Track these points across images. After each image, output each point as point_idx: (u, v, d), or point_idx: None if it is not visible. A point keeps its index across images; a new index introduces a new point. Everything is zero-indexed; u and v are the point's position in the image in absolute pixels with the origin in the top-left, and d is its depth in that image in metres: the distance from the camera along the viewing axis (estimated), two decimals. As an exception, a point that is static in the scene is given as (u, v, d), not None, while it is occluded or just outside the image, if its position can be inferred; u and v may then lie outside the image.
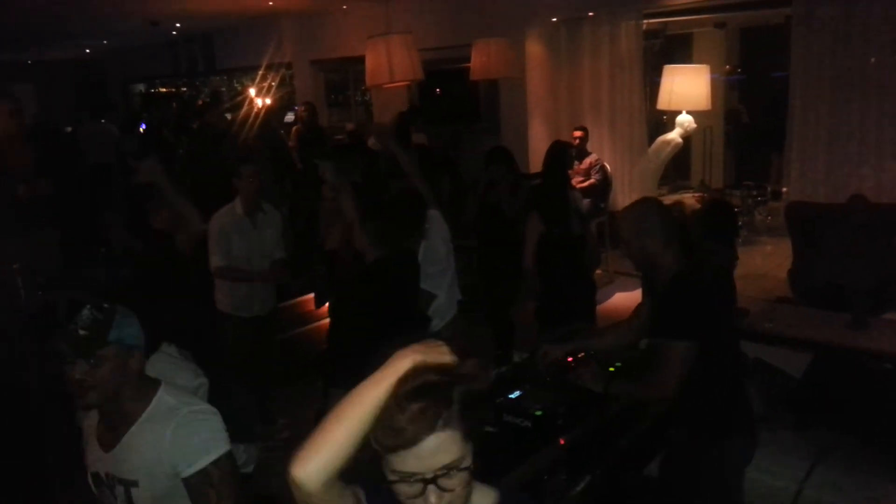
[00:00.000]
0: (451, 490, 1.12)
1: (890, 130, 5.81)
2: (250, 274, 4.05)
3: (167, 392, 1.79)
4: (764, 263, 6.96)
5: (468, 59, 7.18)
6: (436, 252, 3.60)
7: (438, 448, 1.11)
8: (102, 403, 1.72)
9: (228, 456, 1.76)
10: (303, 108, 8.06)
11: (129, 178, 6.02)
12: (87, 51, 14.07)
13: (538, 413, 2.57)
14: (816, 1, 6.00)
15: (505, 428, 2.56)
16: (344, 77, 11.28)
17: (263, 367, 4.34)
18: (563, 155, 5.05)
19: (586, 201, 6.45)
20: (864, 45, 5.86)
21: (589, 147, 7.31)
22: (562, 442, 2.46)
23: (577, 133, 6.94)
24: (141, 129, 10.32)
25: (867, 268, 4.93)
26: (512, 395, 2.71)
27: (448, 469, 1.11)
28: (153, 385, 1.78)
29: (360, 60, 6.24)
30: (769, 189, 8.04)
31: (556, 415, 2.56)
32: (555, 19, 7.54)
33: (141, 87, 15.54)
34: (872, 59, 5.87)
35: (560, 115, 7.92)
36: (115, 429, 1.75)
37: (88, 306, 1.66)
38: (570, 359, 2.95)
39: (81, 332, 1.63)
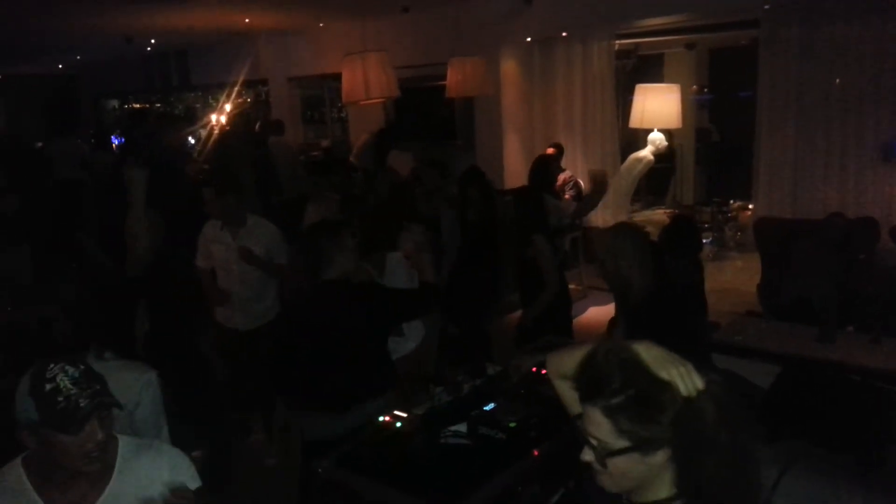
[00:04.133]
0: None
1: (853, 149, 5.98)
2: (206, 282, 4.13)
3: (123, 440, 1.79)
4: (734, 278, 7.09)
5: (444, 77, 7.26)
6: (401, 268, 3.62)
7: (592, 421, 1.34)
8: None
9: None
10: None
11: (102, 193, 5.99)
12: (60, 66, 13.93)
13: (512, 425, 2.59)
14: (782, 23, 6.19)
15: (479, 440, 2.58)
16: (320, 94, 11.32)
17: (243, 380, 4.31)
18: (544, 169, 5.15)
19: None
20: (828, 66, 6.04)
21: (563, 164, 7.41)
22: (536, 453, 2.49)
23: (550, 150, 7.04)
24: (114, 145, 10.26)
25: (834, 283, 5.05)
26: (486, 408, 2.73)
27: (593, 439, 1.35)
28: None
29: (337, 77, 6.29)
30: (738, 205, 8.20)
31: (530, 426, 2.59)
32: (529, 39, 7.66)
33: (114, 103, 15.42)
34: (837, 80, 6.06)
35: (534, 133, 8.02)
36: (84, 487, 1.68)
37: (71, 367, 1.59)
38: (543, 371, 2.98)
39: (96, 386, 1.60)
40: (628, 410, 1.30)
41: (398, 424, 2.60)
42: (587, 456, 1.36)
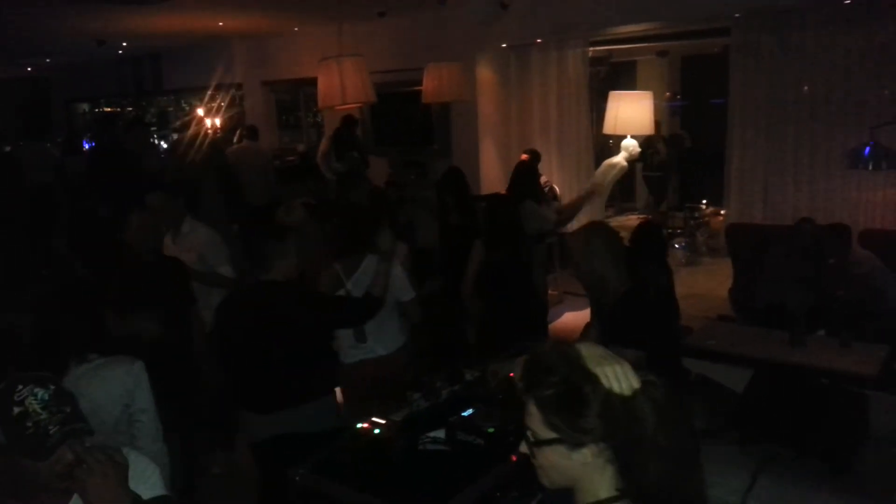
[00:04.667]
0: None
1: (822, 154, 6.10)
2: None
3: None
4: (706, 283, 7.19)
5: (420, 83, 7.27)
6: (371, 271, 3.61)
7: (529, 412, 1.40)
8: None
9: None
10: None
11: (73, 197, 5.89)
12: (29, 69, 13.70)
13: (490, 430, 2.60)
14: (753, 31, 6.30)
15: (458, 446, 2.58)
16: (295, 98, 11.27)
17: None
18: (529, 175, 5.19)
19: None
20: (797, 73, 6.16)
21: (538, 169, 7.45)
22: (514, 459, 2.49)
23: (525, 156, 7.07)
24: (85, 149, 10.12)
25: (805, 288, 5.14)
26: (465, 413, 2.73)
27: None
28: None
29: (312, 82, 6.25)
30: (710, 210, 8.32)
31: (508, 432, 2.59)
32: (504, 45, 7.70)
33: (85, 107, 15.20)
34: (805, 88, 6.18)
35: (510, 138, 8.07)
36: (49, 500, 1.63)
37: (40, 388, 1.54)
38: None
39: (66, 409, 1.54)
40: (557, 403, 1.36)
41: (376, 431, 2.59)
42: (523, 447, 1.42)
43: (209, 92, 10.77)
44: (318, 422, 2.91)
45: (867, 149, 4.93)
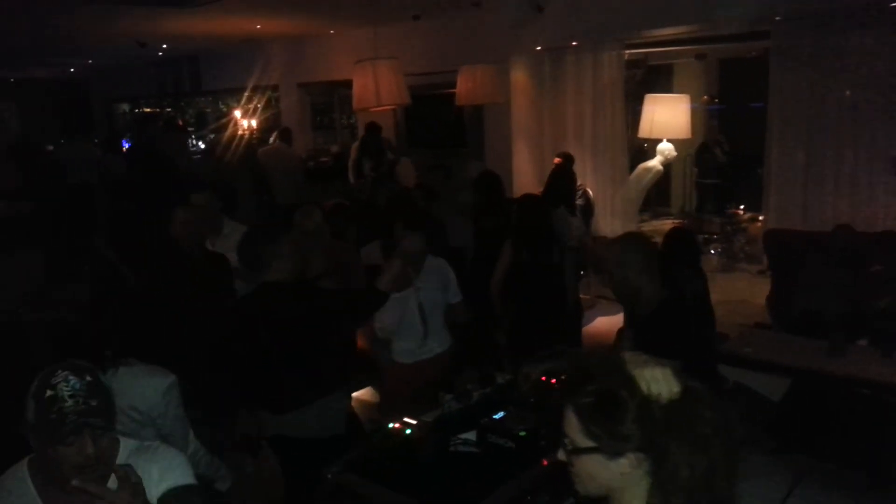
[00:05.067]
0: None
1: (864, 161, 5.96)
2: None
3: (125, 443, 1.77)
4: (743, 290, 7.06)
5: (454, 85, 7.29)
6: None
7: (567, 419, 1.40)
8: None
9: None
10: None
11: (112, 196, 6.03)
12: (72, 69, 14.05)
13: (522, 434, 2.59)
14: (793, 35, 6.18)
15: (489, 448, 2.58)
16: (329, 100, 11.37)
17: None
18: (559, 180, 5.19)
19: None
20: (839, 78, 6.03)
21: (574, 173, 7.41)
22: (545, 463, 2.48)
23: (557, 160, 7.04)
24: (124, 149, 10.33)
25: (843, 296, 5.03)
26: (496, 416, 2.72)
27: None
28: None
29: (346, 84, 6.31)
30: (748, 216, 8.18)
31: (540, 435, 2.58)
32: (539, 48, 7.68)
33: (125, 107, 15.53)
34: (847, 92, 6.05)
35: (544, 142, 8.03)
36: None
37: (75, 377, 1.56)
38: (553, 380, 2.98)
39: (92, 403, 1.56)
40: (595, 410, 1.35)
41: (408, 431, 2.60)
42: (560, 455, 1.42)
43: (246, 93, 10.92)
44: (327, 422, 2.89)
45: (910, 155, 4.81)
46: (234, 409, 3.18)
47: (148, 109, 14.60)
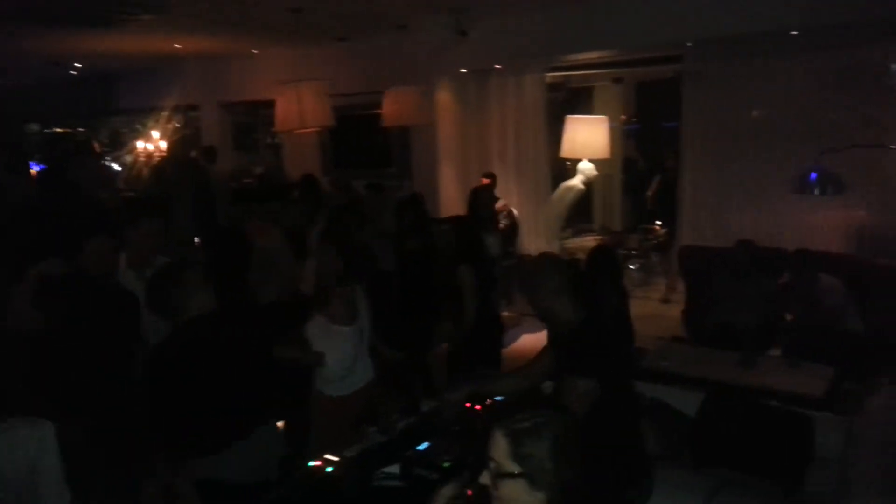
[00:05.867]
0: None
1: (771, 179, 6.28)
2: None
3: None
4: (659, 304, 7.32)
5: (380, 105, 7.29)
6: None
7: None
8: None
9: None
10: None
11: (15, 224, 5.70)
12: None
13: (446, 465, 2.59)
14: (704, 59, 6.49)
15: (414, 481, 2.57)
16: (252, 120, 11.19)
17: None
18: (475, 201, 5.27)
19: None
20: (746, 100, 6.38)
21: (497, 193, 7.52)
22: (469, 493, 2.49)
23: (485, 181, 7.14)
24: (32, 171, 9.81)
25: (754, 308, 5.28)
26: (420, 447, 2.72)
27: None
28: None
29: (270, 104, 6.24)
30: (664, 232, 8.47)
31: (465, 465, 2.59)
32: (463, 70, 7.78)
33: (34, 127, 14.83)
34: (754, 112, 6.38)
35: (469, 162, 8.12)
36: None
37: None
38: (477, 406, 3.00)
39: None
40: (527, 435, 1.42)
41: (329, 469, 2.56)
42: (484, 478, 1.48)
43: (164, 113, 10.62)
44: (253, 464, 2.78)
45: (813, 174, 5.08)
46: (143, 457, 3.04)
47: (59, 129, 13.99)
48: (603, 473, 2.57)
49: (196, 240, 7.07)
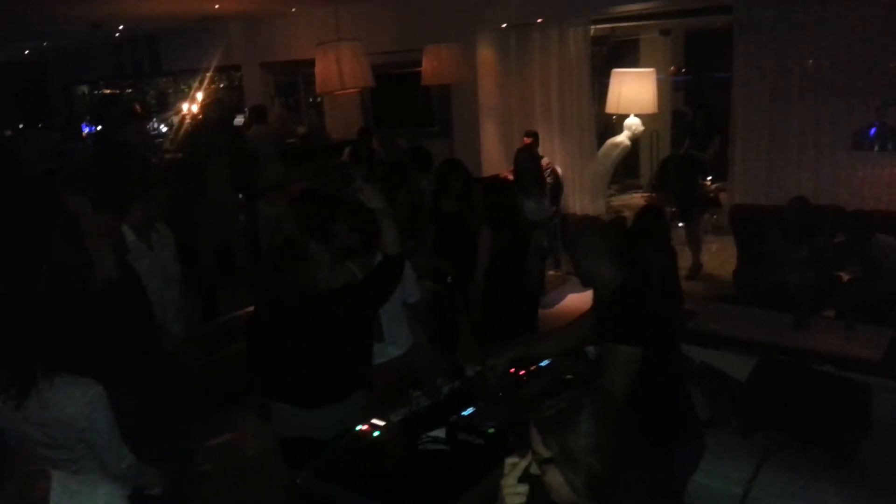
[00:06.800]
0: None
1: (828, 132, 6.02)
2: None
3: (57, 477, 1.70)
4: (710, 263, 7.14)
5: (420, 63, 7.18)
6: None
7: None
8: None
9: None
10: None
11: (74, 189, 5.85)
12: (27, 52, 13.57)
13: (490, 431, 2.59)
14: (757, 7, 6.18)
15: (458, 446, 2.57)
16: (294, 80, 11.16)
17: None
18: (516, 160, 5.20)
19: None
20: (801, 49, 6.05)
21: (540, 151, 7.38)
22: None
23: (526, 140, 7.00)
24: (84, 133, 10.04)
25: (808, 268, 5.10)
26: (465, 413, 2.72)
27: None
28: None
29: (311, 63, 6.18)
30: (715, 187, 8.22)
31: (509, 431, 2.58)
32: (504, 25, 7.59)
33: (84, 89, 15.08)
34: (810, 62, 6.07)
35: (511, 119, 7.98)
36: None
37: None
38: (522, 372, 2.98)
39: None
40: (555, 423, 1.49)
41: (376, 433, 2.58)
42: (534, 469, 1.54)
43: (208, 74, 10.66)
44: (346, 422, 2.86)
45: (872, 129, 4.85)
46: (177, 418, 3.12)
47: (108, 91, 14.18)
48: (647, 443, 2.55)
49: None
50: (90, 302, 3.05)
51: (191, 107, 10.03)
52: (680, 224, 7.91)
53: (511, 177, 5.79)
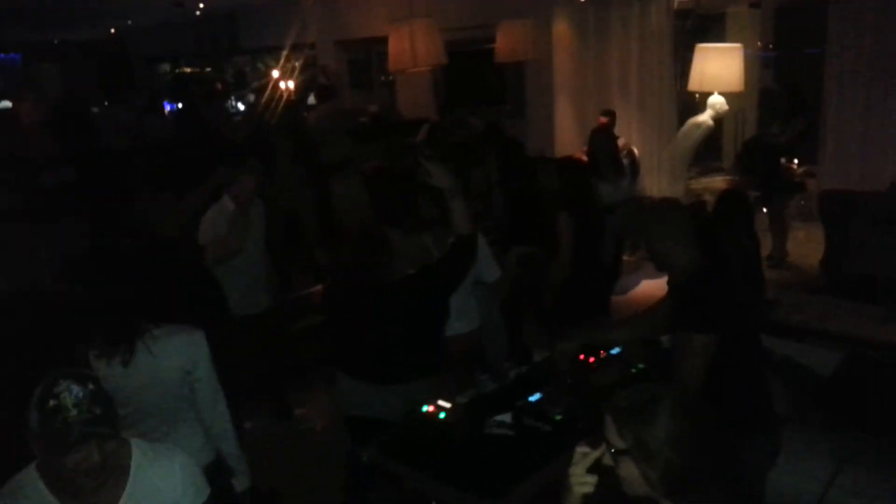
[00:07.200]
0: None
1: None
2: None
3: (137, 445, 1.77)
4: (796, 251, 6.80)
5: (493, 39, 7.08)
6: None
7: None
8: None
9: None
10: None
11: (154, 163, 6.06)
12: (112, 30, 14.11)
13: (558, 417, 2.54)
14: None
15: (525, 432, 2.53)
16: (367, 58, 11.20)
17: (269, 364, 4.32)
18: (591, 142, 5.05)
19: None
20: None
21: (616, 131, 7.17)
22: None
23: (603, 119, 6.81)
24: (166, 111, 10.37)
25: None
26: (532, 398, 2.68)
27: None
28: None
29: (384, 41, 6.19)
30: (803, 171, 7.81)
31: (577, 419, 2.53)
32: (583, -1, 7.39)
33: (166, 67, 15.59)
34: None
35: (587, 98, 7.77)
36: (101, 493, 1.66)
37: (78, 385, 1.55)
38: (591, 359, 2.91)
39: (96, 411, 1.55)
40: (629, 414, 1.47)
41: (442, 415, 2.57)
42: (607, 459, 1.54)
43: (284, 52, 10.82)
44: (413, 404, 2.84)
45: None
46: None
47: (188, 69, 14.61)
48: (722, 436, 2.44)
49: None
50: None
51: (277, 82, 10.14)
52: (763, 209, 7.57)
53: (585, 157, 5.65)
